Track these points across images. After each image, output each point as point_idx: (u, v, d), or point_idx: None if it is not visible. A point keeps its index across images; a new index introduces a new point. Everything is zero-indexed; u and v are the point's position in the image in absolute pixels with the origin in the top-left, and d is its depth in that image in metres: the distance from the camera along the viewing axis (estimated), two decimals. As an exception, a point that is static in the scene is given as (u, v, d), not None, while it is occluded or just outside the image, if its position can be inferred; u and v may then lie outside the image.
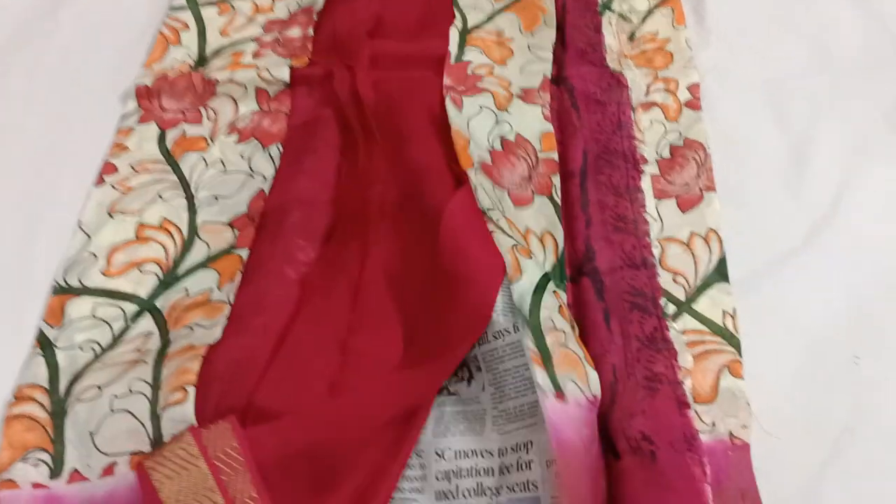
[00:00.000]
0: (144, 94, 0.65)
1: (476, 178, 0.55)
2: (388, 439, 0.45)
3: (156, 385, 0.47)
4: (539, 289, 0.49)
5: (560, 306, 0.50)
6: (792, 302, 0.53)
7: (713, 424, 0.47)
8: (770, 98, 0.65)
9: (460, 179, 0.56)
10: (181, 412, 0.45)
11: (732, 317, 0.52)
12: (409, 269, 0.54)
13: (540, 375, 0.44)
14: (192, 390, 0.46)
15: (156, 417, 0.46)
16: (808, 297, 0.53)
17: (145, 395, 0.47)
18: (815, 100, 0.65)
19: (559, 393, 0.44)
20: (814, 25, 0.72)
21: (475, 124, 0.61)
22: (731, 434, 0.47)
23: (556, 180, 0.58)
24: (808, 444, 0.47)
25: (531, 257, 0.52)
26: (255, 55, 0.69)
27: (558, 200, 0.57)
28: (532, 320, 0.47)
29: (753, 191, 0.60)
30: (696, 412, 0.47)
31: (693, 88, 0.65)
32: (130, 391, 0.47)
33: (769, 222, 0.58)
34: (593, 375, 0.47)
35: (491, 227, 0.52)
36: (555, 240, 0.55)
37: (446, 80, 0.64)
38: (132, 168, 0.60)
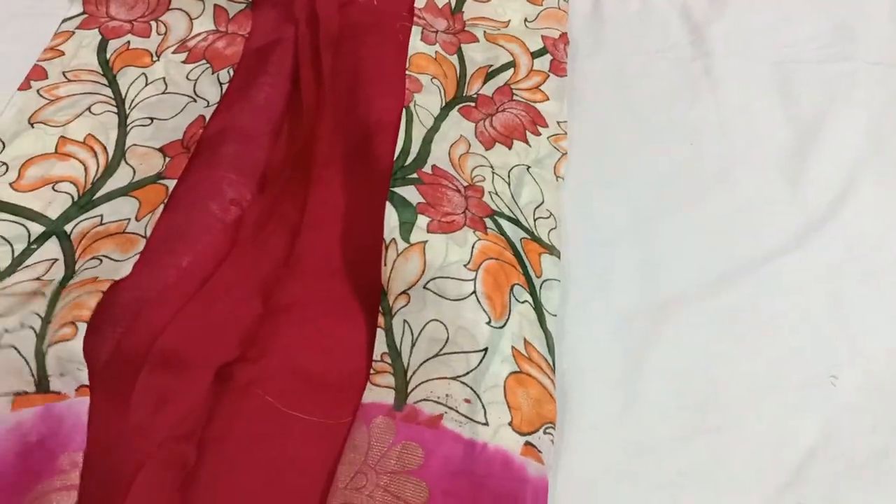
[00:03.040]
0: (93, -1, 0.58)
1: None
2: None
3: (47, 319, 0.42)
4: None
5: None
6: (769, 306, 0.48)
7: None
8: (781, 80, 0.59)
9: None
10: (67, 349, 0.40)
11: None
12: (351, 227, 0.48)
13: None
14: (82, 326, 0.41)
15: (41, 354, 0.41)
16: (788, 303, 0.48)
17: (34, 330, 0.42)
18: (830, 87, 0.59)
19: None
20: (842, 7, 0.65)
21: None
22: None
23: None
24: (769, 466, 0.42)
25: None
26: None
27: None
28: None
29: (747, 178, 0.54)
30: None
31: None
32: (22, 325, 0.42)
33: (759, 215, 0.52)
34: None
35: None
36: None
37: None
38: (64, 75, 0.54)
